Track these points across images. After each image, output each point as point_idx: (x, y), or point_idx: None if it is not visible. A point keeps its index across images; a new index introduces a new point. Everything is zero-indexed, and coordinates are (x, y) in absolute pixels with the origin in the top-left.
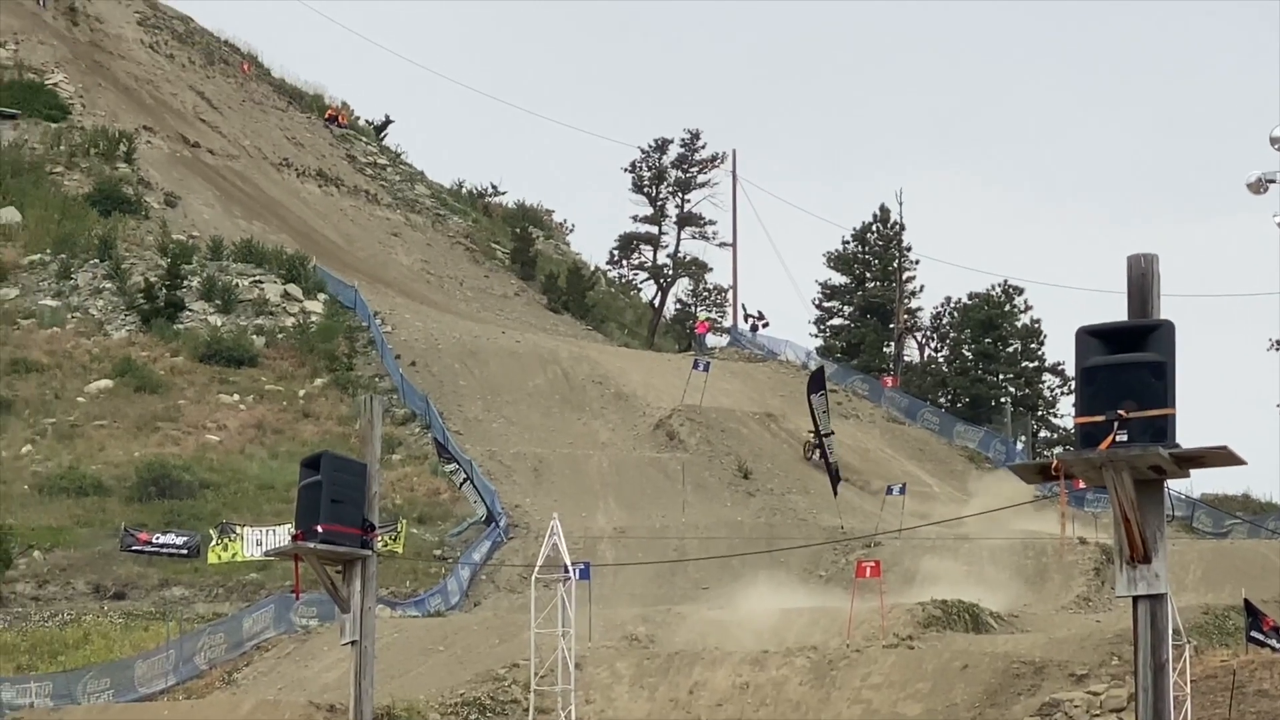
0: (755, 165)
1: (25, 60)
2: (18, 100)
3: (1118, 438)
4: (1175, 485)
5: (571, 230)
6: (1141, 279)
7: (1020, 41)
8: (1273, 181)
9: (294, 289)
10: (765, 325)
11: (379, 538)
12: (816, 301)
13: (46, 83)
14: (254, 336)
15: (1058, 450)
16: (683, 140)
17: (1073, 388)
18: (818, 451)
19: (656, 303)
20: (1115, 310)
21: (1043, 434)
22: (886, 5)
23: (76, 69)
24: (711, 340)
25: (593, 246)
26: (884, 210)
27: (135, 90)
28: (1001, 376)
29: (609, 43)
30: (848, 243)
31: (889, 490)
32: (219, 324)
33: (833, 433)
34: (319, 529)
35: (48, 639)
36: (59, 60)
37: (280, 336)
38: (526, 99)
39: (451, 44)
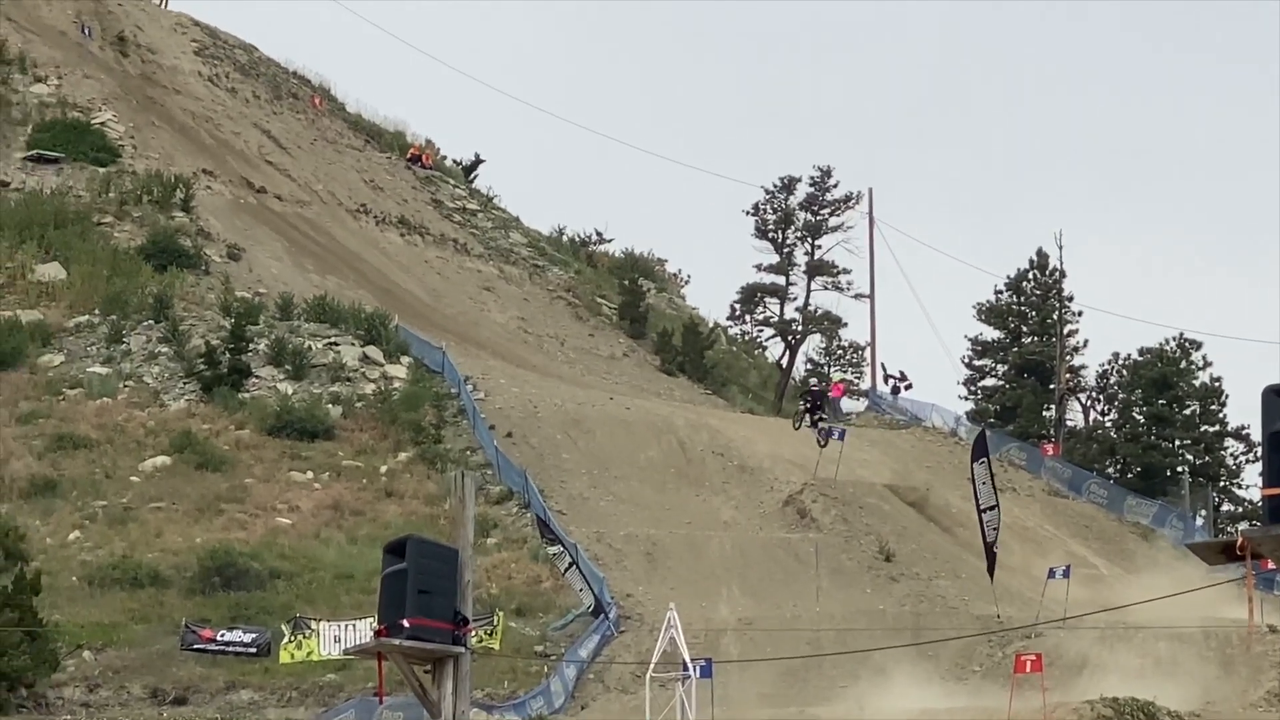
0: (895, 206)
1: (69, 97)
2: (61, 142)
3: None
4: None
5: (687, 282)
6: None
7: (1192, 71)
8: None
9: (374, 351)
10: (908, 387)
11: (473, 632)
12: (966, 359)
13: (93, 122)
14: (329, 406)
15: (1243, 526)
16: (812, 179)
17: (1259, 454)
18: (807, 422)
19: (784, 363)
20: None
21: (1225, 507)
22: (1041, 28)
23: (127, 106)
24: (847, 405)
25: (711, 300)
26: (1041, 255)
27: (193, 129)
28: (1178, 443)
29: (726, 71)
30: (1000, 293)
31: (1051, 573)
32: (289, 392)
33: (995, 506)
34: (405, 623)
35: None
36: (107, 96)
37: (359, 405)
38: (635, 134)
39: (549, 74)
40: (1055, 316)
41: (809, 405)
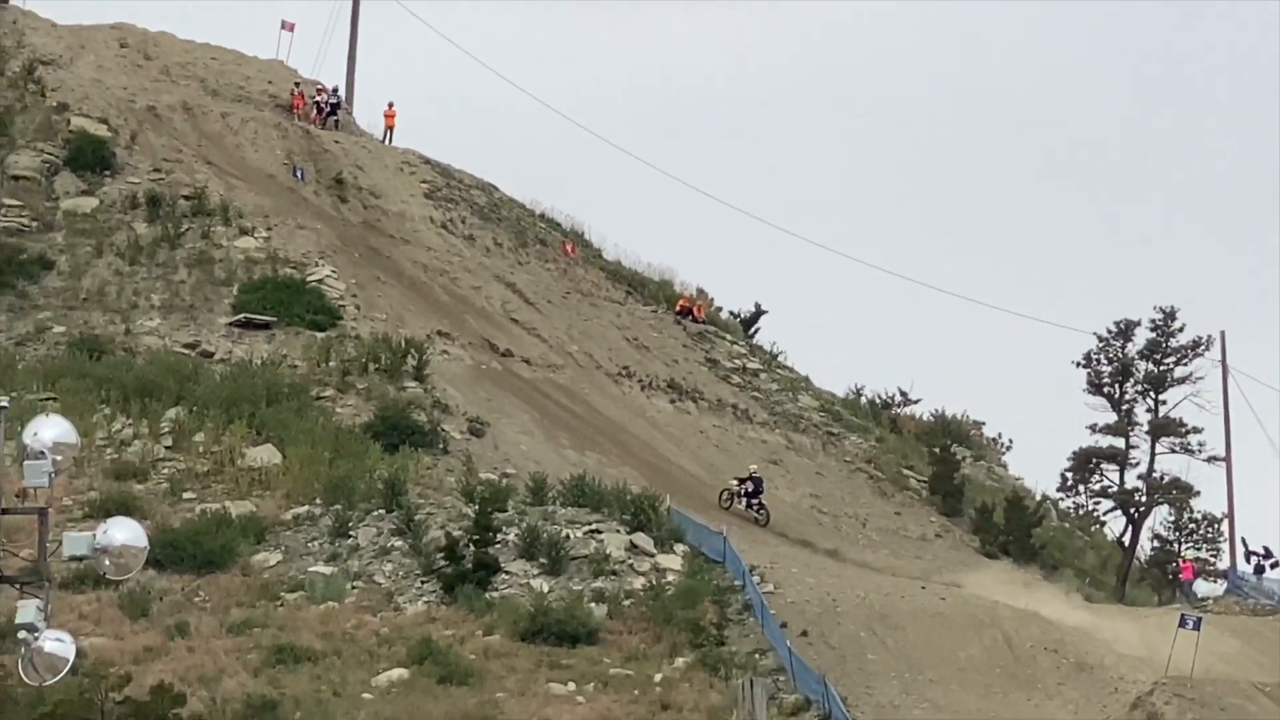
0: (1252, 351)
1: (280, 251)
2: (272, 304)
3: None
4: None
5: (1009, 448)
6: None
7: None
8: None
9: (643, 539)
10: (1274, 565)
11: None
12: None
13: (309, 279)
14: (592, 605)
15: None
16: (1153, 322)
17: None
18: (736, 501)
19: (1126, 540)
20: None
21: None
22: None
23: (347, 260)
24: (1203, 588)
25: (1038, 468)
26: None
27: (425, 284)
28: None
29: (1047, 199)
30: None
31: None
32: (545, 590)
33: None
34: None
35: None
36: (324, 249)
37: (627, 603)
38: (942, 278)
39: (836, 209)
40: None
41: (747, 491)
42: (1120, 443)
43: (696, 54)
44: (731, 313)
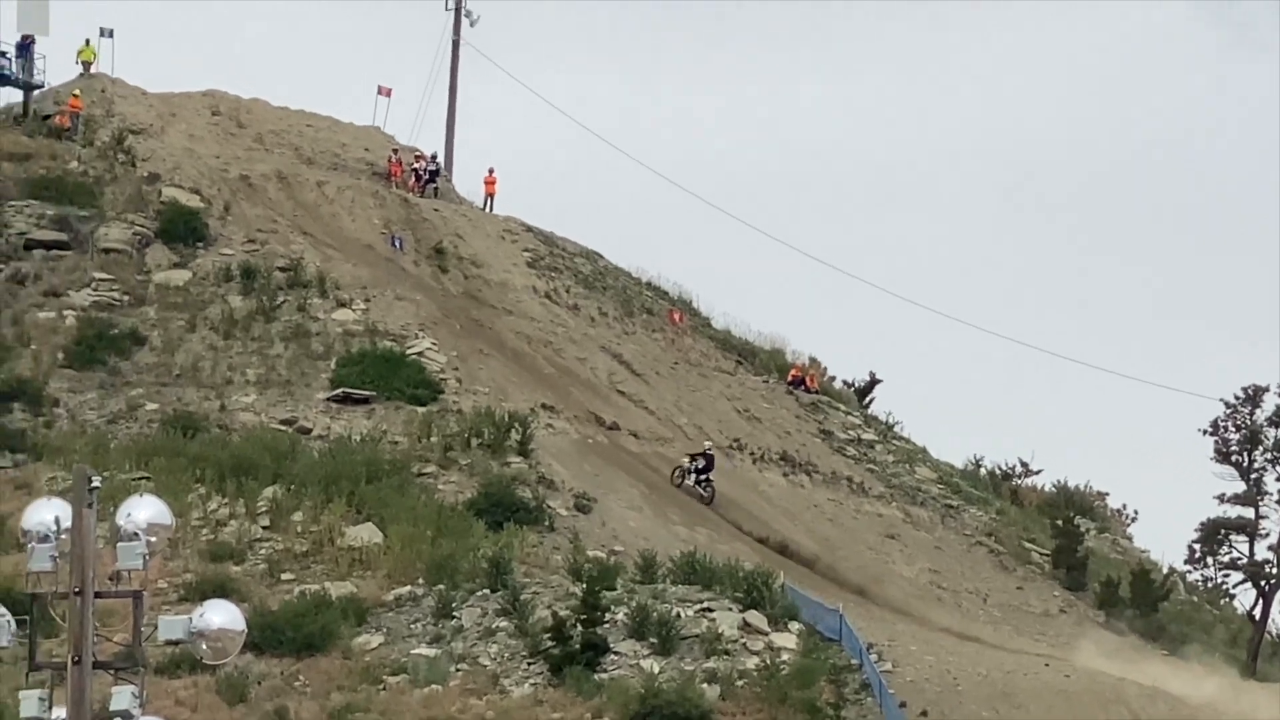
0: None
1: (379, 323)
2: (371, 378)
3: None
4: None
5: (1134, 519)
6: None
7: None
8: None
9: (756, 617)
10: None
11: None
12: None
13: (409, 352)
14: (704, 685)
15: None
16: None
17: None
18: (687, 478)
19: (1257, 613)
20: None
21: None
22: None
23: (448, 332)
24: None
25: (1165, 540)
26: None
27: (529, 356)
28: None
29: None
30: None
31: None
32: (656, 670)
33: None
34: None
35: None
36: (424, 321)
37: (740, 684)
38: (1063, 344)
39: (953, 274)
40: None
41: (698, 467)
42: (1250, 513)
43: (809, 116)
44: (845, 382)
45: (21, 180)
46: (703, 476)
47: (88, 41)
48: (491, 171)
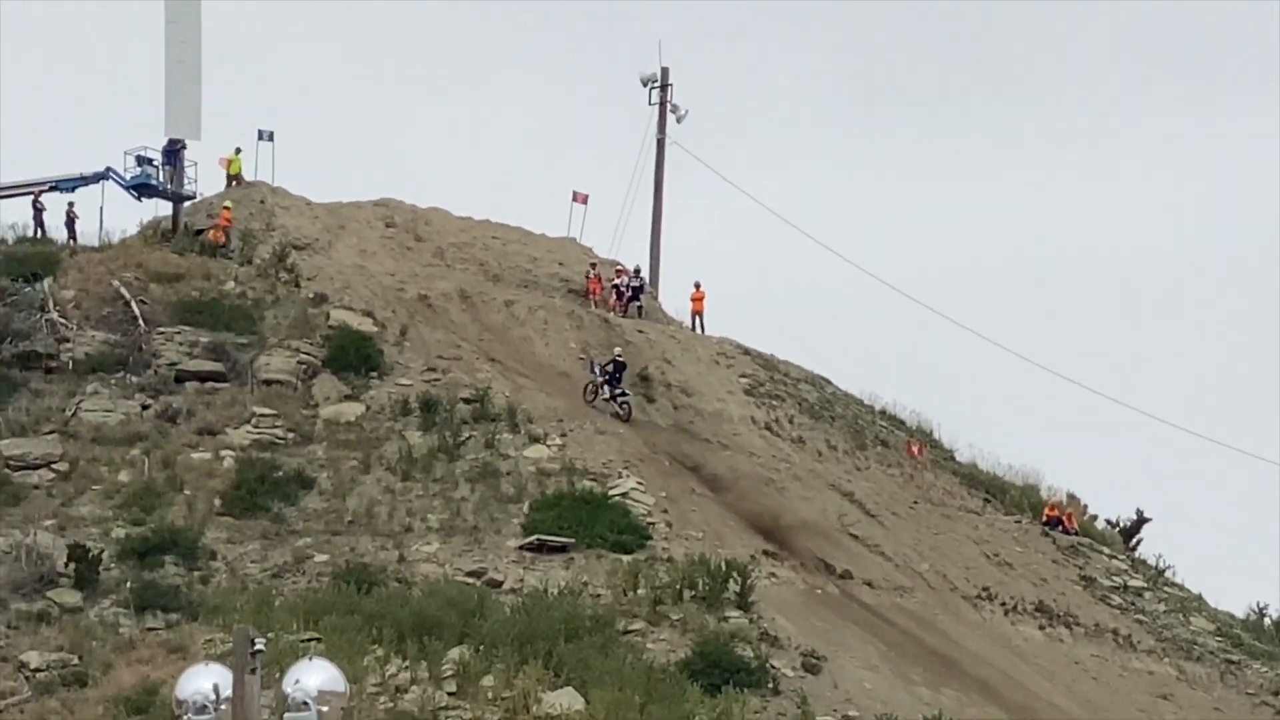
0: None
1: (577, 460)
2: (569, 522)
3: None
4: None
5: None
6: None
7: None
8: None
9: None
10: None
11: None
12: None
13: (610, 493)
14: None
15: None
16: None
17: None
18: (600, 394)
19: None
20: None
21: None
22: None
23: (655, 469)
24: None
25: None
26: None
27: (748, 496)
28: None
29: None
30: None
31: None
32: None
33: None
34: None
35: None
36: (628, 457)
37: None
38: None
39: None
40: None
41: (607, 377)
42: None
43: (1063, 219)
44: (1109, 521)
45: (172, 303)
46: (616, 390)
47: (237, 150)
48: (699, 286)
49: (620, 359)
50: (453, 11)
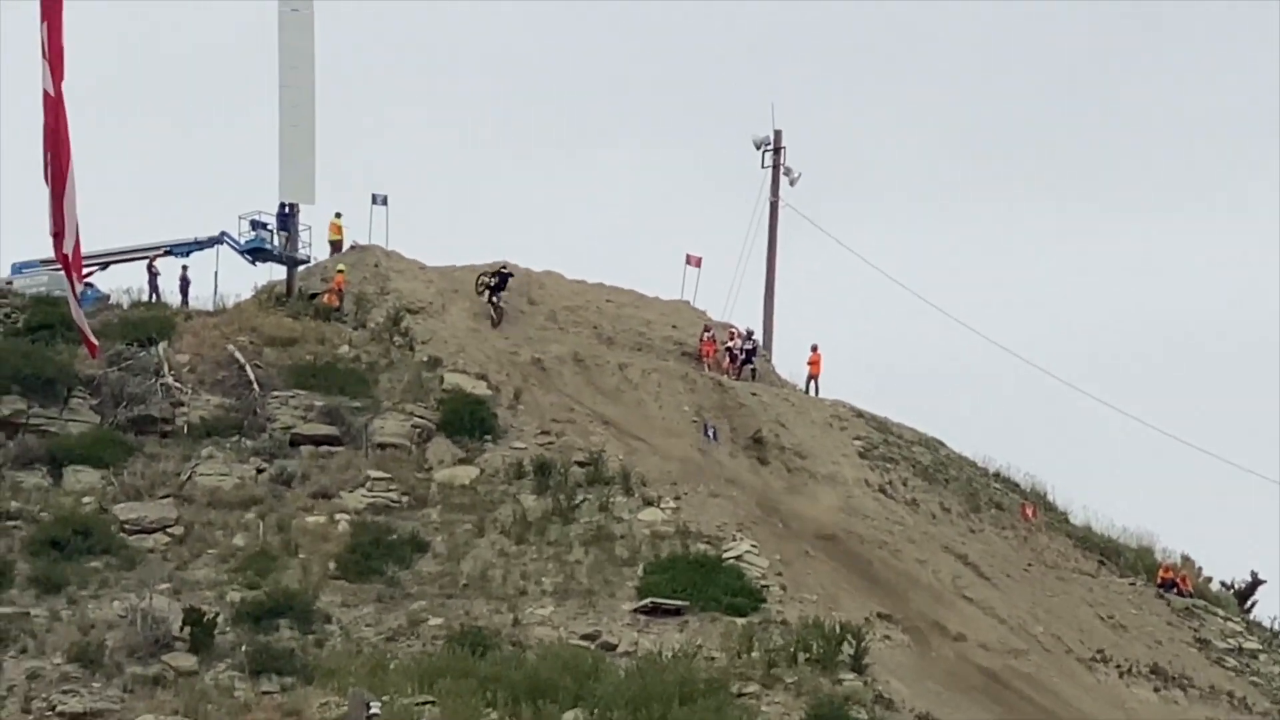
0: None
1: (691, 524)
2: (684, 586)
3: None
4: None
5: None
6: None
7: None
8: None
9: None
10: None
11: None
12: None
13: (725, 556)
14: None
15: None
16: None
17: None
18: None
19: None
20: None
21: None
22: None
23: (769, 532)
24: None
25: None
26: None
27: (861, 558)
28: None
29: None
30: None
31: None
32: None
33: None
34: None
35: None
36: (743, 520)
37: None
38: None
39: None
40: None
41: (493, 285)
42: None
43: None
44: (1223, 583)
45: (286, 368)
46: (495, 296)
47: (338, 215)
48: (815, 349)
49: (507, 271)
50: (565, 76)
